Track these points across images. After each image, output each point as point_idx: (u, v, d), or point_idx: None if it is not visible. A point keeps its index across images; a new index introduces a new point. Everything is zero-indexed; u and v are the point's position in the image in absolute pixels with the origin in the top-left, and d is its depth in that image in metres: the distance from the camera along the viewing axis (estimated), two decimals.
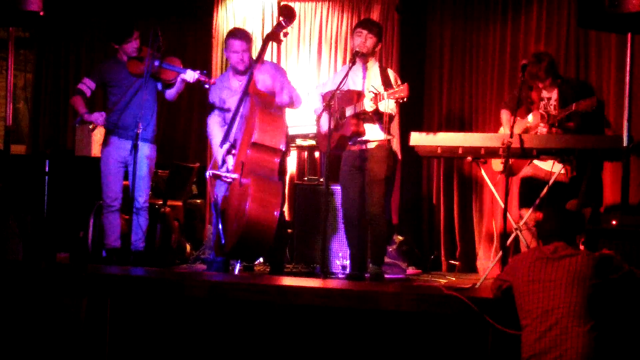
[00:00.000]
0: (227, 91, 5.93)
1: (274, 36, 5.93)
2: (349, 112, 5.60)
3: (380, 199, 5.65)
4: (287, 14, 5.94)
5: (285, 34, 5.96)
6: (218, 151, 5.89)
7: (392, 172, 5.94)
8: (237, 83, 5.91)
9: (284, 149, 5.70)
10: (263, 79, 5.84)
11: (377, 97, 5.38)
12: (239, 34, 5.96)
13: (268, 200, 5.41)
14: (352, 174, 5.74)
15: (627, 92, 5.62)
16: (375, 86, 5.52)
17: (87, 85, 6.14)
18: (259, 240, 5.43)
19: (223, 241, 5.43)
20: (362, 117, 5.58)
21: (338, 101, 5.63)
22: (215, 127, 6.01)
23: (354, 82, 5.71)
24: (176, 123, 8.28)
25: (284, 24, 5.90)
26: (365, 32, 5.70)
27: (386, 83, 5.59)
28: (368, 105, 5.44)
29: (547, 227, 3.78)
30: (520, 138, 5.32)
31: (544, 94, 6.00)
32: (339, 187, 6.35)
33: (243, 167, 5.48)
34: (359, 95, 5.57)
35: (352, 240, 5.83)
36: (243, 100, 5.70)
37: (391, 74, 5.76)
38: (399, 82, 5.59)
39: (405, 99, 5.34)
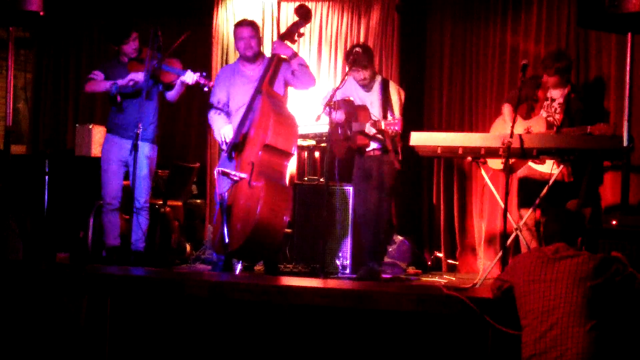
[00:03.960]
0: (238, 78, 5.90)
1: (288, 36, 5.93)
2: (355, 126, 5.80)
3: (383, 202, 5.86)
4: (303, 14, 5.93)
5: (300, 35, 5.96)
6: (226, 132, 5.83)
7: (397, 178, 6.05)
8: (248, 72, 5.90)
9: (294, 153, 5.74)
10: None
11: (376, 124, 5.65)
12: (244, 22, 6.02)
13: (279, 205, 5.44)
14: (362, 178, 5.96)
15: (627, 92, 5.63)
16: (372, 102, 5.82)
17: (97, 75, 6.12)
18: (266, 244, 5.45)
19: (227, 240, 5.42)
20: (370, 135, 5.76)
21: (347, 113, 5.84)
22: (216, 117, 5.96)
23: (360, 98, 5.95)
24: (176, 123, 8.28)
25: (300, 24, 5.90)
26: (361, 69, 5.83)
27: (385, 104, 5.80)
28: (370, 130, 5.70)
29: (548, 228, 3.78)
30: (520, 138, 5.32)
31: (550, 93, 6.00)
32: (339, 187, 6.40)
33: (253, 167, 5.47)
34: (365, 111, 5.78)
35: (364, 239, 6.01)
36: (255, 97, 5.69)
37: (393, 89, 5.89)
38: (401, 97, 5.88)
39: (397, 133, 5.62)
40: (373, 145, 5.84)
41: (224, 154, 5.85)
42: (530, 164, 5.86)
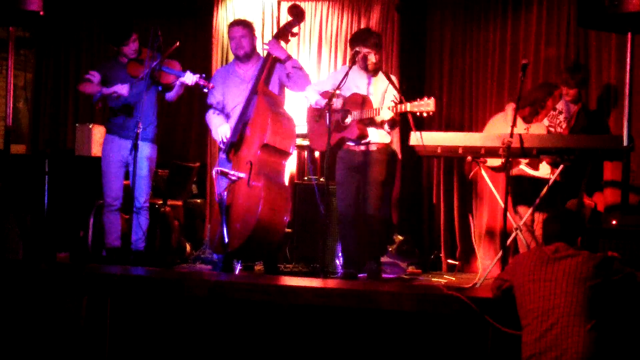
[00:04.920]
0: (232, 79, 5.90)
1: (282, 35, 5.92)
2: (354, 115, 5.66)
3: (376, 200, 5.71)
4: (296, 14, 5.94)
5: (294, 34, 5.96)
6: (224, 131, 5.80)
7: (391, 174, 5.98)
8: (242, 72, 5.90)
9: (292, 152, 5.73)
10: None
11: (397, 107, 5.46)
12: (235, 22, 6.06)
13: (279, 205, 5.45)
14: (350, 173, 5.78)
15: (627, 92, 5.63)
16: (373, 93, 5.66)
17: (94, 75, 6.13)
18: (266, 243, 5.46)
19: (226, 240, 5.42)
20: (366, 121, 5.62)
21: (342, 103, 5.69)
22: (214, 117, 5.95)
23: (357, 86, 5.77)
24: (176, 123, 8.28)
25: (293, 23, 5.90)
26: (375, 52, 5.72)
27: (400, 89, 5.67)
28: (387, 114, 5.53)
29: (548, 228, 3.79)
30: (520, 138, 5.32)
31: (559, 105, 6.01)
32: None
33: (252, 167, 5.47)
34: (364, 100, 5.64)
35: (347, 238, 5.86)
36: (251, 98, 5.69)
37: (394, 79, 5.81)
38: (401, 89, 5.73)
39: (431, 114, 5.40)
40: (372, 136, 5.68)
41: (221, 154, 5.86)
42: (522, 167, 5.86)
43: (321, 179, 6.61)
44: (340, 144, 5.77)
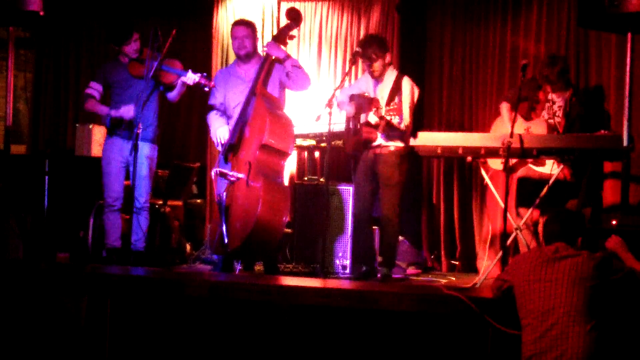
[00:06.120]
0: (233, 79, 5.92)
1: (280, 38, 5.93)
2: (362, 118, 5.75)
3: (392, 203, 5.77)
4: (294, 17, 5.96)
5: (292, 37, 5.97)
6: (223, 133, 5.83)
7: (406, 176, 5.99)
8: (242, 73, 5.91)
9: (291, 152, 5.75)
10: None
11: (378, 112, 5.55)
12: (239, 22, 6.06)
13: (278, 204, 5.46)
14: (365, 174, 5.87)
15: (627, 92, 5.64)
16: (383, 96, 5.70)
17: (95, 89, 6.15)
18: (265, 243, 5.46)
19: (226, 240, 5.43)
20: (373, 125, 5.68)
21: (357, 106, 5.81)
22: (215, 118, 5.96)
23: (367, 90, 5.87)
24: (176, 123, 8.28)
25: (291, 26, 5.91)
26: (368, 61, 5.76)
27: (392, 95, 5.70)
28: (372, 119, 5.62)
29: (548, 228, 3.79)
30: (520, 138, 5.32)
31: (551, 96, 6.00)
32: (340, 187, 6.39)
33: (250, 167, 5.49)
34: (374, 104, 5.67)
35: (360, 238, 5.96)
36: (250, 99, 5.71)
37: (406, 83, 5.79)
38: (414, 94, 5.76)
39: (398, 122, 5.48)
40: (380, 140, 5.73)
41: (220, 155, 5.87)
42: (530, 165, 5.86)
43: (321, 179, 6.62)
44: (358, 148, 5.87)
